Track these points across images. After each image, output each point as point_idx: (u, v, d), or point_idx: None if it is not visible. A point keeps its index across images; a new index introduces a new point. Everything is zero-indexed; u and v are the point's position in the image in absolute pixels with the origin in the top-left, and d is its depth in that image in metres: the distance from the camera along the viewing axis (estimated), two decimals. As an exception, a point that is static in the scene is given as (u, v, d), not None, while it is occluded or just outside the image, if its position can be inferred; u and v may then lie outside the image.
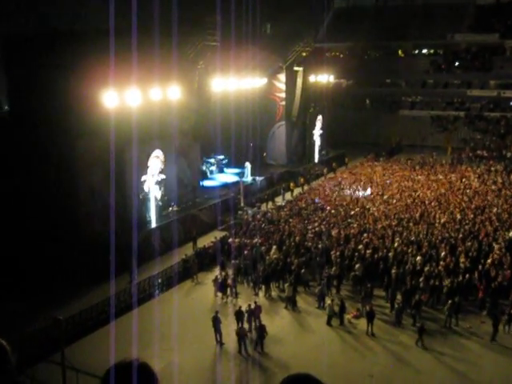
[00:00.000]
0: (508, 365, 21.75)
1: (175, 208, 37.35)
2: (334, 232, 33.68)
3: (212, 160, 49.32)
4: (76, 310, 24.54)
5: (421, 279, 26.82)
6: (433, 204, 39.48)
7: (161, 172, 36.15)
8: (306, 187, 48.77)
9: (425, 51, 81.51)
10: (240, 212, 40.88)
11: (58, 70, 29.87)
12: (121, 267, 27.29)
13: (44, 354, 21.29)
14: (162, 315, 25.20)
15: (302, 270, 28.88)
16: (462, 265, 28.13)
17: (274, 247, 31.42)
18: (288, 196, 46.31)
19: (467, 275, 26.84)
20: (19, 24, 35.37)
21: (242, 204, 42.39)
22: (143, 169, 34.82)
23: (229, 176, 49.38)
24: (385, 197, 42.02)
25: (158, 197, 36.26)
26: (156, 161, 35.69)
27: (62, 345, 19.26)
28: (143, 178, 34.95)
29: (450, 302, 24.73)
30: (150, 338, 22.47)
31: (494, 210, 37.26)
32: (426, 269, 27.67)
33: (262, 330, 23.25)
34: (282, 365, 22.07)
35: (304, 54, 55.69)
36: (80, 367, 19.07)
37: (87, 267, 27.69)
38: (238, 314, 24.20)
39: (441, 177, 49.10)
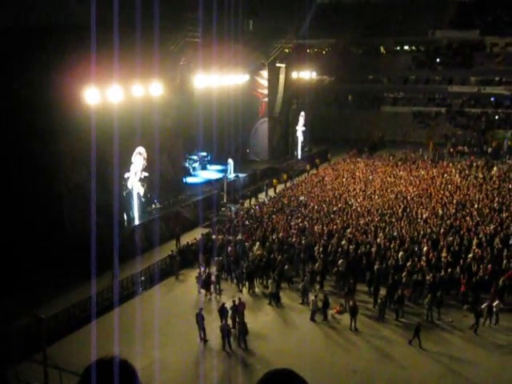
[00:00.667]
0: (489, 358, 21.97)
1: (158, 205, 37.22)
2: (317, 228, 33.77)
3: (195, 157, 49.22)
4: (59, 308, 24.37)
5: (403, 274, 26.99)
6: (415, 199, 39.73)
7: (144, 169, 36.00)
8: (288, 183, 48.82)
9: (406, 48, 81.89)
10: (223, 209, 40.85)
11: (39, 66, 29.59)
12: (103, 265, 27.13)
13: (26, 353, 21.11)
14: (145, 313, 25.12)
15: (286, 266, 28.93)
16: (443, 259, 28.36)
17: (258, 243, 31.45)
18: (271, 192, 46.35)
19: (449, 270, 27.06)
20: (3, 19, 34.96)
21: (225, 200, 42.38)
22: (126, 166, 34.65)
23: (212, 173, 49.31)
24: (367, 192, 42.20)
25: (141, 194, 36.12)
26: (139, 158, 35.56)
27: (44, 343, 19.12)
28: (126, 175, 34.78)
29: (429, 295, 24.94)
30: (133, 335, 22.40)
31: (475, 205, 37.59)
32: (409, 264, 27.86)
33: (243, 327, 23.26)
34: (265, 361, 22.09)
35: (286, 51, 55.74)
36: (63, 366, 18.92)
37: (70, 265, 27.48)
38: (222, 311, 24.20)
39: (423, 172, 49.41)
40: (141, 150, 35.54)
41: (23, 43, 31.18)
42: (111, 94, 31.65)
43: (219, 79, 46.93)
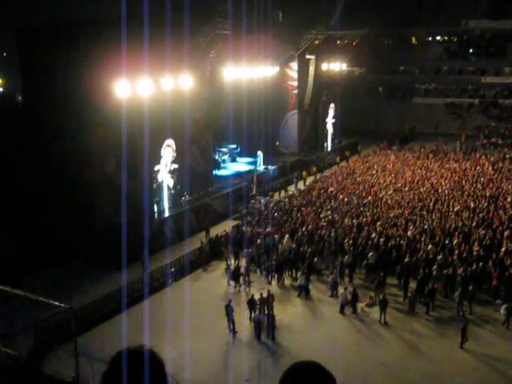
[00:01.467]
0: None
1: (188, 197, 37.43)
2: (346, 220, 33.60)
3: (224, 149, 49.30)
4: (89, 299, 24.71)
5: (434, 267, 26.70)
6: (446, 192, 39.23)
7: (173, 161, 36.20)
8: (318, 176, 48.62)
9: (438, 38, 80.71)
10: (252, 201, 40.89)
11: (71, 60, 29.98)
12: (134, 256, 27.44)
13: (58, 343, 21.46)
14: (175, 304, 25.29)
15: (315, 259, 28.87)
16: (475, 253, 27.96)
17: (287, 236, 31.42)
18: (300, 185, 46.22)
19: (481, 263, 26.68)
20: (32, 16, 35.46)
21: (255, 193, 42.42)
22: (156, 158, 34.89)
23: (241, 165, 49.37)
24: (398, 185, 41.81)
25: (171, 186, 36.36)
26: (168, 150, 35.76)
27: (75, 333, 19.43)
28: (156, 167, 35.03)
29: (460, 289, 24.64)
30: (162, 326, 22.60)
31: (508, 198, 36.95)
32: (439, 257, 27.55)
33: (272, 319, 23.31)
34: (294, 353, 22.09)
35: (316, 42, 55.44)
36: (93, 356, 19.20)
37: (100, 256, 27.86)
38: (251, 303, 24.29)
39: (454, 165, 48.75)
40: (170, 142, 35.75)
41: (54, 38, 31.59)
42: (141, 86, 31.87)
43: (249, 71, 46.90)
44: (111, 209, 30.43)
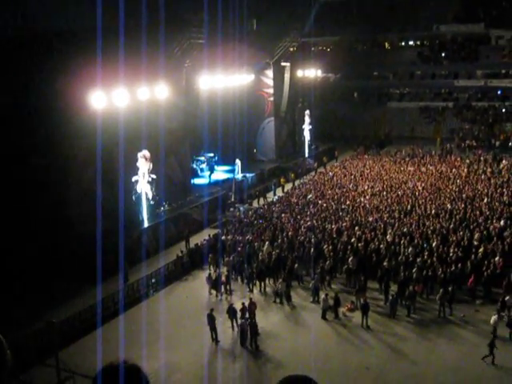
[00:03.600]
0: (502, 353, 21.79)
1: (166, 207, 37.27)
2: (326, 226, 33.72)
3: (202, 158, 49.24)
4: (68, 313, 24.42)
5: (414, 270, 26.90)
6: (423, 195, 39.58)
7: (151, 171, 35.99)
8: (297, 182, 48.76)
9: (411, 43, 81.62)
10: (231, 209, 40.85)
11: (45, 71, 29.69)
12: (113, 268, 27.21)
13: (39, 358, 21.19)
14: (156, 315, 25.16)
15: (296, 265, 28.90)
16: (453, 254, 28.22)
17: (267, 243, 31.42)
18: (279, 192, 46.31)
19: (459, 265, 26.95)
20: (4, 25, 35.09)
21: (233, 199, 42.40)
22: (134, 169, 34.68)
23: (219, 173, 49.33)
24: (376, 189, 42.09)
25: (150, 196, 36.15)
26: (142, 161, 35.39)
27: (57, 348, 19.19)
28: (135, 178, 34.80)
29: (441, 290, 24.85)
30: (144, 338, 22.40)
31: (485, 199, 37.40)
32: (419, 260, 27.76)
33: (254, 327, 23.26)
34: (277, 360, 22.08)
35: (291, 49, 55.73)
36: (75, 370, 19.00)
37: (79, 268, 27.54)
38: (231, 311, 24.22)
39: (431, 168, 49.23)
40: (144, 152, 35.37)
41: (29, 49, 31.29)
42: (117, 97, 31.71)
43: (224, 80, 46.94)
44: (88, 221, 30.12)
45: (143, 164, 35.37)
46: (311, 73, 59.68)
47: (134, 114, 32.89)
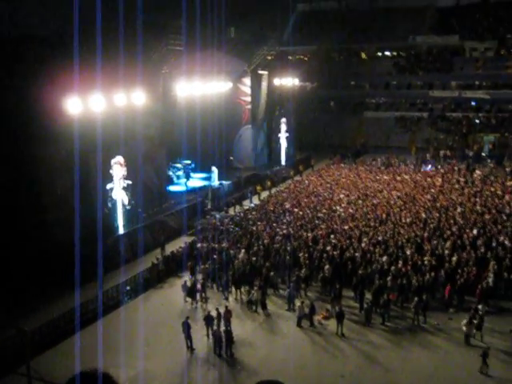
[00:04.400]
0: (475, 361, 22.02)
1: (142, 214, 37.05)
2: (302, 234, 33.82)
3: (178, 165, 49.09)
4: (42, 320, 24.12)
5: (388, 278, 27.09)
6: (398, 204, 39.93)
7: (125, 178, 35.74)
8: (273, 190, 48.86)
9: (387, 53, 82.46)
10: (207, 216, 40.78)
11: (21, 76, 29.41)
12: (88, 275, 26.93)
13: (10, 366, 20.87)
14: (131, 322, 24.98)
15: (271, 273, 28.93)
16: (427, 263, 28.50)
17: (243, 251, 31.41)
18: (255, 199, 46.35)
19: (433, 273, 27.22)
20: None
21: (209, 207, 42.33)
22: (109, 176, 34.44)
23: (196, 181, 49.21)
24: (351, 198, 42.35)
25: (126, 202, 35.91)
26: (117, 167, 35.15)
27: (28, 356, 18.94)
28: (109, 185, 34.53)
29: (416, 299, 25.07)
30: (118, 346, 22.22)
31: (458, 208, 37.86)
32: (393, 268, 27.97)
33: (229, 335, 23.20)
34: (253, 368, 22.05)
35: (269, 58, 55.97)
36: (47, 378, 18.76)
37: (54, 276, 27.23)
38: (208, 319, 24.14)
39: (406, 177, 49.71)
40: (119, 159, 35.10)
41: (4, 54, 30.96)
42: (93, 103, 31.48)
43: (202, 87, 46.96)
44: (64, 227, 29.82)
45: (118, 170, 35.13)
46: (288, 81, 60.00)
47: (111, 120, 32.68)
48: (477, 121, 69.98)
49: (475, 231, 32.74)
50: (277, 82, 57.82)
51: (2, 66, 30.15)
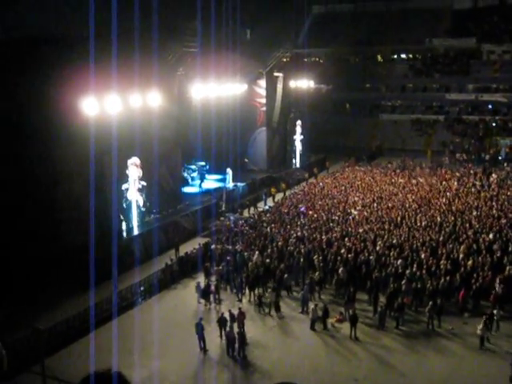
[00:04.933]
0: (490, 366, 21.86)
1: (156, 215, 37.20)
2: (316, 236, 33.73)
3: (193, 166, 49.22)
4: (57, 320, 24.26)
5: (403, 282, 26.93)
6: (413, 207, 39.70)
7: (141, 179, 35.92)
8: (287, 192, 48.81)
9: (403, 56, 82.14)
10: (222, 218, 40.82)
11: (37, 77, 29.62)
12: (102, 276, 27.08)
13: (25, 365, 21.02)
14: (145, 323, 25.06)
15: (285, 275, 28.88)
16: (442, 267, 28.31)
17: (257, 253, 31.38)
18: (270, 201, 46.32)
19: (448, 277, 27.02)
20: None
21: (224, 209, 42.38)
22: (124, 176, 34.62)
23: (210, 182, 49.33)
24: (366, 200, 42.19)
25: (141, 203, 36.08)
26: (133, 168, 35.32)
27: (43, 355, 19.06)
28: (124, 186, 34.71)
29: (430, 303, 24.88)
30: (132, 346, 22.34)
31: (474, 212, 37.58)
32: (408, 271, 27.80)
33: (243, 337, 23.19)
34: (265, 371, 22.02)
35: (284, 60, 56.00)
36: (62, 377, 18.87)
37: (68, 276, 27.42)
38: (221, 321, 24.15)
39: (421, 180, 49.44)
40: (135, 160, 35.29)
41: (21, 54, 31.22)
42: (109, 104, 31.65)
43: (217, 89, 47.02)
44: (79, 228, 30.01)
45: (134, 171, 35.33)
46: (304, 83, 59.94)
47: (127, 122, 32.85)
48: (493, 124, 69.46)
49: (491, 235, 32.46)
50: (292, 84, 57.79)
51: (19, 66, 30.38)
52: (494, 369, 21.38)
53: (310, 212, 39.65)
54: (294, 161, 59.08)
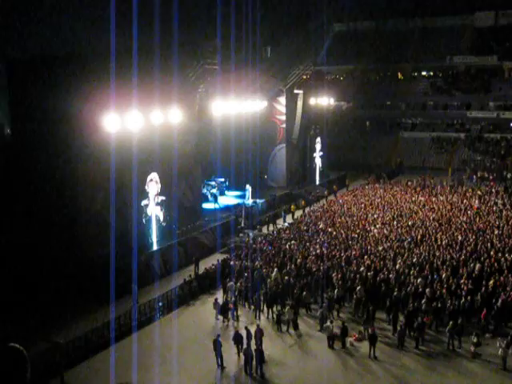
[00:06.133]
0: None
1: (177, 231, 37.35)
2: (335, 254, 33.57)
3: (213, 183, 49.43)
4: (76, 334, 24.37)
5: (423, 301, 26.64)
6: (434, 225, 39.39)
7: (160, 193, 36.11)
8: (307, 209, 48.73)
9: (424, 73, 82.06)
10: (241, 234, 40.83)
11: (60, 93, 30.09)
12: (121, 291, 27.19)
13: (44, 378, 21.10)
14: (163, 338, 25.07)
15: (304, 293, 28.74)
16: (463, 286, 27.97)
17: (276, 270, 31.29)
18: (289, 218, 46.25)
19: (469, 297, 26.67)
20: (21, 48, 35.70)
21: (243, 225, 42.41)
22: (144, 192, 34.86)
23: (230, 198, 49.45)
24: (386, 218, 41.95)
25: (161, 218, 36.26)
26: (152, 184, 35.54)
27: (62, 369, 19.14)
28: (144, 202, 34.92)
29: (451, 322, 24.56)
30: (150, 361, 22.34)
31: (496, 231, 37.16)
32: (428, 290, 27.51)
33: (261, 354, 23.06)
34: (283, 389, 21.86)
35: (304, 77, 56.17)
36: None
37: (88, 290, 27.60)
38: (237, 338, 24.05)
39: (442, 198, 49.08)
40: (153, 175, 35.50)
41: (43, 71, 31.75)
42: (130, 120, 31.97)
43: (237, 106, 47.29)
44: (100, 243, 30.24)
45: (153, 187, 35.56)
46: (324, 101, 60.09)
47: (147, 138, 33.17)
48: (515, 142, 68.88)
49: (513, 255, 32.05)
50: (312, 101, 57.95)
51: (42, 84, 30.88)
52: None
53: (330, 229, 39.50)
54: (313, 178, 59.03)
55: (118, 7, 25.51)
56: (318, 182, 58.74)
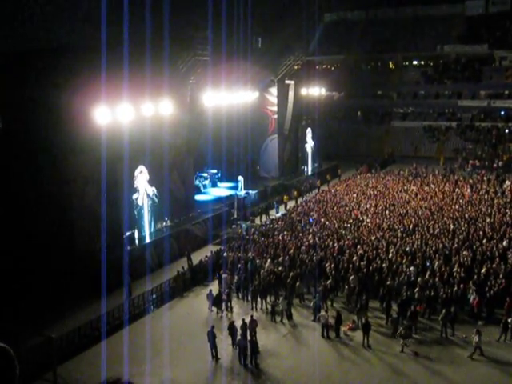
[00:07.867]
0: (503, 374, 21.62)
1: (168, 223, 37.27)
2: (328, 244, 33.62)
3: (205, 174, 49.33)
4: (69, 328, 24.31)
5: (416, 290, 26.74)
6: (426, 214, 39.50)
7: (151, 185, 35.88)
8: (299, 200, 48.76)
9: (415, 63, 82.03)
10: (234, 226, 40.83)
11: (50, 86, 29.84)
12: (114, 284, 27.14)
13: (37, 373, 21.06)
14: (156, 331, 25.06)
15: (297, 283, 28.79)
16: (456, 275, 28.09)
17: (269, 260, 31.33)
18: (282, 209, 46.27)
19: (462, 285, 26.79)
20: (10, 41, 35.37)
21: (236, 216, 42.38)
22: (134, 184, 34.69)
23: (222, 190, 49.39)
24: (378, 208, 42.03)
25: (153, 207, 36.06)
26: (141, 176, 35.29)
27: (55, 363, 19.10)
28: (135, 195, 34.75)
29: (444, 311, 24.67)
30: (144, 354, 22.32)
31: (488, 219, 37.31)
32: (420, 279, 27.61)
33: (255, 345, 23.11)
34: (277, 379, 21.90)
35: (295, 68, 56.05)
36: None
37: (80, 284, 27.51)
38: (231, 329, 24.07)
39: (434, 187, 49.22)
40: (140, 168, 35.23)
41: (32, 64, 31.47)
42: (121, 113, 31.80)
43: (228, 97, 47.14)
44: (91, 236, 30.13)
45: (141, 179, 35.29)
46: (315, 91, 59.98)
47: (138, 130, 33.00)
48: (506, 131, 69.08)
49: (505, 243, 32.20)
50: (303, 91, 57.83)
51: (31, 76, 30.62)
52: (508, 378, 21.12)
53: (322, 219, 39.53)
54: (305, 168, 59.02)
55: (108, -2, 25.34)
56: (310, 173, 58.73)
